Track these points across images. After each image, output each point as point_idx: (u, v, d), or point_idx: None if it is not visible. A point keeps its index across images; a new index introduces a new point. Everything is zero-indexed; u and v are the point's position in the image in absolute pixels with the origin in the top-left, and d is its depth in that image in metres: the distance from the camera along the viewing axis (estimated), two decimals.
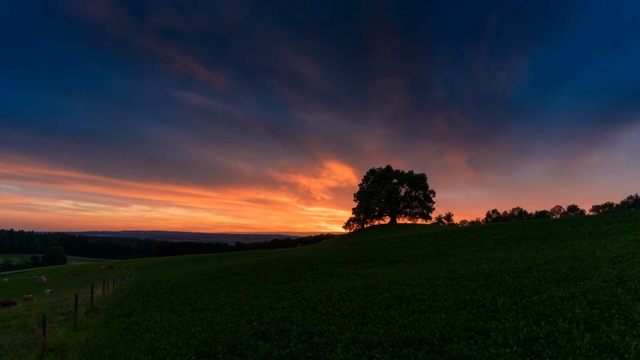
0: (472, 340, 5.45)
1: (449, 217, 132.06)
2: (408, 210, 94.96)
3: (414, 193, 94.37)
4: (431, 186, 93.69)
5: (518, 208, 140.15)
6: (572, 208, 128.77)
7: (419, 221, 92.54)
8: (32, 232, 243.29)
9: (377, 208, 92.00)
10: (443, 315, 6.95)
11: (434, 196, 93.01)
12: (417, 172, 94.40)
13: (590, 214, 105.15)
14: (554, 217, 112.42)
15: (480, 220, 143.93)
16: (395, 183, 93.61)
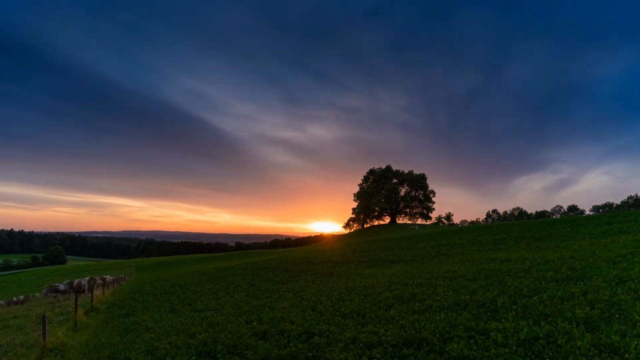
0: (472, 340, 5.45)
1: (449, 217, 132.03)
2: (408, 210, 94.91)
3: (414, 193, 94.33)
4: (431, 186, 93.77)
5: (518, 208, 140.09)
6: (572, 208, 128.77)
7: (419, 221, 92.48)
8: (32, 232, 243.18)
9: (377, 208, 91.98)
10: (443, 315, 6.95)
11: (434, 196, 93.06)
12: (417, 171, 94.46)
13: (590, 214, 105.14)
14: (554, 217, 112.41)
15: (480, 220, 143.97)
16: (395, 183, 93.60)
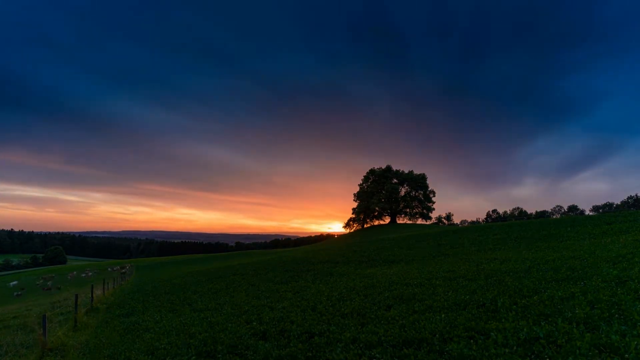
0: (472, 340, 5.45)
1: (449, 217, 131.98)
2: (408, 210, 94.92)
3: (414, 193, 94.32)
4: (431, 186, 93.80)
5: (518, 208, 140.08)
6: (572, 208, 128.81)
7: (419, 221, 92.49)
8: (32, 232, 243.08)
9: (377, 208, 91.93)
10: (443, 315, 6.95)
11: (434, 196, 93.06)
12: (417, 171, 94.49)
13: (590, 214, 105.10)
14: (554, 217, 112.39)
15: (480, 220, 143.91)
16: (395, 183, 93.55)
